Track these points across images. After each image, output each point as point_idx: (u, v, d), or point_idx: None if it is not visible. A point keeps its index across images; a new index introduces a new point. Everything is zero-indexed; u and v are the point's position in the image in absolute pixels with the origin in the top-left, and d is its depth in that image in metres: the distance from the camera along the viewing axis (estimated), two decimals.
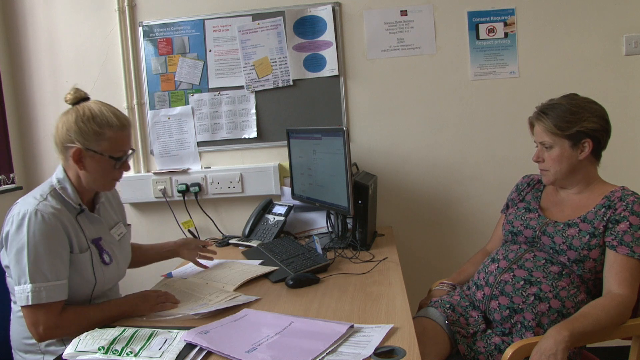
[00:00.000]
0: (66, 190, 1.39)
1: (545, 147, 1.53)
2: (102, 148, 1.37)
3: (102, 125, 1.36)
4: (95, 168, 1.38)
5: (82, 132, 1.35)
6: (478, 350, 1.46)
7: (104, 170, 1.40)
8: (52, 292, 1.28)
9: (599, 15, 2.21)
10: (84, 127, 1.35)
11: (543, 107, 1.55)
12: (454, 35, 2.27)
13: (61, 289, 1.31)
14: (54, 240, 1.31)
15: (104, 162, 1.38)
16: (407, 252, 2.32)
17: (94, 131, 1.35)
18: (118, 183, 1.50)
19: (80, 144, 1.35)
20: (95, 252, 1.43)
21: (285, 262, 1.72)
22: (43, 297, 1.27)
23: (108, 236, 1.51)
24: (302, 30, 2.31)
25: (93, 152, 1.36)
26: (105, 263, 1.45)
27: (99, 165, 1.38)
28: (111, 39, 2.38)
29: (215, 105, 2.37)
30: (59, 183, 1.40)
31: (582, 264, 1.44)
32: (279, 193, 2.36)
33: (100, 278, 1.43)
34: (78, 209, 1.40)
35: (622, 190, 1.47)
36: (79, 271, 1.37)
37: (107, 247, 1.48)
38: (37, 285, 1.27)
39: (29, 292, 1.27)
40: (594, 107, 1.50)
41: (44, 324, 1.29)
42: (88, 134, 1.35)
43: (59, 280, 1.30)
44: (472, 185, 2.32)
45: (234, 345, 1.13)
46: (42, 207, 1.31)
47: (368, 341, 1.12)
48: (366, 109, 2.33)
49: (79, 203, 1.40)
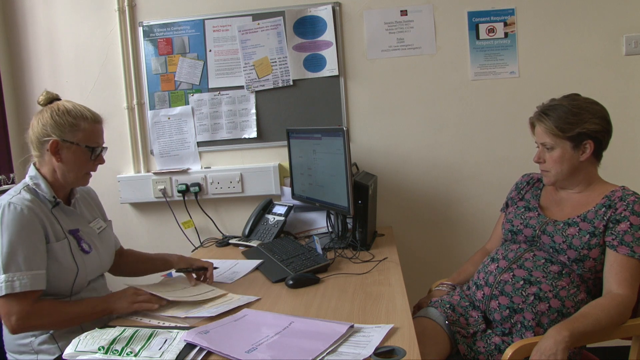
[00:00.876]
0: (39, 185, 1.43)
1: (547, 148, 1.53)
2: (78, 138, 1.43)
3: (76, 117, 1.43)
4: (71, 159, 1.43)
5: (58, 125, 1.41)
6: (478, 350, 1.46)
7: (79, 161, 1.44)
8: (25, 281, 1.29)
9: (599, 15, 2.21)
10: (59, 120, 1.41)
11: (544, 108, 1.54)
12: (454, 35, 2.27)
13: (36, 279, 1.31)
14: (28, 230, 1.33)
15: (80, 152, 1.44)
16: (407, 252, 2.32)
17: (69, 123, 1.42)
18: (118, 183, 1.50)
19: (56, 136, 1.41)
20: (73, 241, 1.44)
21: (285, 262, 1.72)
22: (16, 287, 1.28)
23: (86, 228, 1.53)
24: (302, 30, 2.31)
25: (69, 142, 1.42)
26: (85, 251, 1.46)
27: (75, 156, 1.43)
28: (111, 39, 2.38)
29: (215, 105, 2.37)
30: (31, 180, 1.43)
31: (582, 264, 1.44)
32: (279, 193, 2.36)
33: (82, 265, 1.43)
34: (53, 202, 1.42)
35: (622, 190, 1.47)
36: (58, 260, 1.38)
37: (86, 237, 1.49)
38: (10, 275, 1.28)
39: (2, 283, 1.28)
40: (595, 108, 1.50)
41: (16, 313, 1.29)
42: (64, 126, 1.41)
43: (34, 271, 1.31)
44: (472, 185, 2.32)
45: (234, 345, 1.13)
46: (15, 200, 1.35)
47: (368, 341, 1.12)
48: (366, 109, 2.33)
49: (53, 196, 1.43)
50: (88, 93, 2.40)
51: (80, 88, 2.40)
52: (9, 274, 1.28)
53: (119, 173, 2.40)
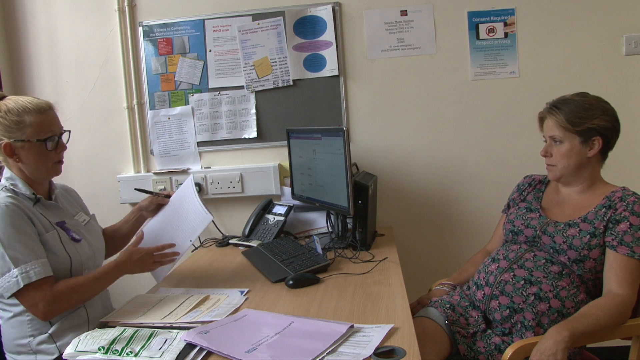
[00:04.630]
0: (17, 185, 1.42)
1: (555, 141, 1.53)
2: (27, 135, 1.40)
3: (19, 113, 1.39)
4: (29, 156, 1.41)
5: (4, 126, 1.39)
6: (478, 350, 1.46)
7: (38, 156, 1.42)
8: (39, 269, 1.31)
9: (599, 15, 2.21)
10: (3, 121, 1.38)
11: (555, 102, 1.55)
12: (454, 35, 2.27)
13: (46, 266, 1.33)
14: (19, 222, 1.34)
15: (34, 147, 1.41)
16: (407, 252, 2.32)
17: (14, 121, 1.39)
18: (118, 183, 1.50)
19: (6, 138, 1.39)
20: (62, 232, 1.45)
21: (285, 262, 1.72)
22: (32, 276, 1.29)
23: (72, 220, 1.54)
24: (302, 30, 2.31)
25: (21, 141, 1.39)
26: (76, 240, 1.47)
27: (31, 152, 1.41)
28: (111, 39, 2.38)
29: (215, 105, 2.37)
30: (7, 181, 1.43)
31: (582, 264, 1.44)
32: (279, 193, 2.36)
33: (75, 254, 1.44)
34: (33, 199, 1.43)
35: (622, 190, 1.48)
36: (51, 250, 1.39)
37: (74, 228, 1.50)
38: (23, 267, 1.29)
39: (17, 276, 1.29)
40: (606, 107, 1.52)
41: (41, 300, 1.31)
42: (10, 127, 1.38)
43: (40, 258, 1.33)
44: (472, 185, 2.32)
45: (234, 345, 1.13)
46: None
47: (368, 341, 1.12)
48: (366, 109, 2.33)
49: (33, 193, 1.43)
50: (88, 93, 2.40)
51: (80, 88, 2.40)
52: (21, 266, 1.29)
53: (119, 173, 2.40)
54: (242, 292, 1.52)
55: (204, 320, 1.30)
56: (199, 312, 1.36)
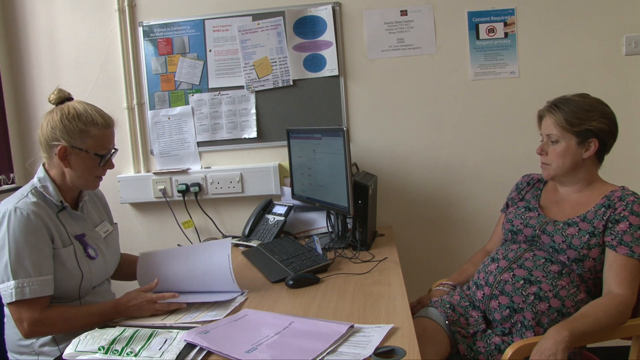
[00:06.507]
0: (47, 188, 1.41)
1: (551, 140, 1.53)
2: (87, 145, 1.39)
3: (87, 123, 1.38)
4: (80, 165, 1.40)
5: (68, 130, 1.37)
6: (478, 350, 1.46)
7: (88, 168, 1.42)
8: (35, 287, 1.29)
9: (599, 15, 2.21)
10: (69, 125, 1.37)
11: (556, 101, 1.56)
12: (453, 35, 2.27)
13: (45, 285, 1.31)
14: (35, 235, 1.32)
15: (89, 159, 1.40)
16: (407, 252, 2.32)
17: (79, 129, 1.38)
18: (118, 183, 1.50)
19: (65, 142, 1.37)
20: (79, 247, 1.43)
21: (285, 262, 1.72)
22: (27, 293, 1.28)
23: (93, 233, 1.52)
24: (302, 30, 2.31)
25: (78, 149, 1.39)
26: (91, 257, 1.45)
27: (84, 162, 1.40)
28: (111, 39, 2.38)
29: (215, 105, 2.37)
30: (40, 182, 1.42)
31: (581, 263, 1.45)
32: (279, 193, 2.36)
33: (87, 272, 1.43)
34: (59, 206, 1.41)
35: (622, 190, 1.48)
36: (64, 265, 1.38)
37: (92, 242, 1.48)
38: (20, 282, 1.28)
39: (12, 289, 1.27)
40: (606, 109, 1.52)
41: (27, 319, 1.29)
42: (73, 132, 1.37)
43: (42, 276, 1.31)
44: (472, 185, 2.32)
45: (234, 345, 1.13)
46: (21, 205, 1.33)
47: (368, 341, 1.12)
48: (366, 109, 2.33)
49: (60, 200, 1.41)
50: (88, 93, 2.40)
51: (80, 88, 2.40)
52: (19, 280, 1.28)
53: (119, 173, 2.40)
54: (242, 293, 1.52)
55: (204, 320, 1.30)
56: (199, 312, 1.37)
